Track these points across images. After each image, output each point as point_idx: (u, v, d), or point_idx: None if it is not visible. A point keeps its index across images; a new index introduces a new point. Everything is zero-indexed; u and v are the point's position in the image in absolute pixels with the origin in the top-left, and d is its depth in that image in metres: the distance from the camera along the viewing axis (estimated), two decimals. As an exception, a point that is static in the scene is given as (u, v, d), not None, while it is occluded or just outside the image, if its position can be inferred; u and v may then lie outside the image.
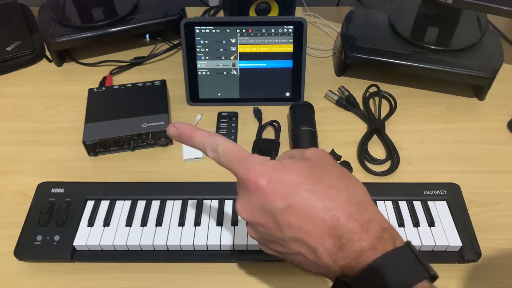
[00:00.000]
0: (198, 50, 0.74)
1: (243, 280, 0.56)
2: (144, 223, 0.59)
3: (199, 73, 0.76)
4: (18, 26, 0.90)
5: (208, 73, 0.76)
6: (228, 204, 0.61)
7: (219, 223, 0.59)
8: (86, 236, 0.57)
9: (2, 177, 0.67)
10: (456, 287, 0.55)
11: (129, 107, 0.72)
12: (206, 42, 0.74)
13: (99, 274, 0.56)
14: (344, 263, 0.34)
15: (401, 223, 0.59)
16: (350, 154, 0.70)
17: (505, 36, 0.92)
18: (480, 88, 0.79)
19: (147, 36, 0.93)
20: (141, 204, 0.61)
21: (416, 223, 0.58)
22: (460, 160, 0.70)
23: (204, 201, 0.61)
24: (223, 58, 0.75)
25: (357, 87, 0.81)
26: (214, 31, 0.73)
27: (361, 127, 0.75)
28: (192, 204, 0.61)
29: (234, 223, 0.59)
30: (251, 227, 0.40)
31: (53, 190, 0.61)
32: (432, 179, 0.66)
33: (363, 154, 0.70)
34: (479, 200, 0.64)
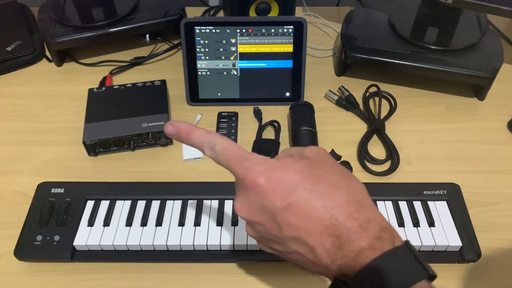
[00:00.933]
0: (198, 50, 0.74)
1: (243, 280, 0.56)
2: (144, 223, 0.59)
3: (199, 73, 0.76)
4: (18, 26, 0.90)
5: (208, 73, 0.76)
6: (228, 204, 0.61)
7: (219, 223, 0.59)
8: (86, 236, 0.57)
9: (2, 177, 0.67)
10: (456, 287, 0.55)
11: (129, 107, 0.72)
12: (206, 42, 0.74)
13: (99, 274, 0.56)
14: (342, 263, 0.34)
15: (401, 223, 0.59)
16: (350, 154, 0.70)
17: (505, 36, 0.92)
18: (480, 88, 0.79)
19: (147, 36, 0.93)
20: (141, 204, 0.61)
21: (416, 223, 0.58)
22: (460, 160, 0.70)
23: (204, 201, 0.61)
24: (223, 58, 0.75)
25: (357, 87, 0.81)
26: (214, 31, 0.73)
27: (361, 127, 0.75)
28: (192, 204, 0.61)
29: (234, 223, 0.59)
30: (249, 226, 0.40)
31: (53, 190, 0.61)
32: (432, 179, 0.66)
33: (363, 154, 0.70)
34: (479, 200, 0.64)
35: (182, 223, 0.59)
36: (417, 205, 0.61)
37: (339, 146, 0.70)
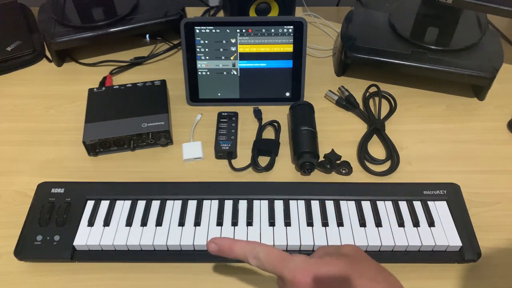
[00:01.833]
0: (198, 50, 0.74)
1: (243, 280, 0.56)
2: (144, 223, 0.59)
3: (199, 73, 0.76)
4: (18, 26, 0.90)
5: (208, 73, 0.76)
6: (228, 204, 0.61)
7: (219, 223, 0.59)
8: (86, 236, 0.57)
9: (2, 177, 0.67)
10: (456, 287, 0.56)
11: (129, 107, 0.72)
12: (206, 42, 0.74)
13: (99, 274, 0.56)
14: None
15: (401, 223, 0.59)
16: (350, 154, 0.70)
17: (505, 36, 0.92)
18: (480, 88, 0.79)
19: (147, 36, 0.93)
20: (141, 204, 0.61)
21: (416, 223, 0.58)
22: (460, 160, 0.70)
23: (204, 201, 0.61)
24: (223, 58, 0.75)
25: (357, 87, 0.81)
26: (214, 31, 0.73)
27: (361, 127, 0.75)
28: (192, 204, 0.61)
29: (234, 223, 0.59)
30: None
31: (53, 190, 0.61)
32: (432, 179, 0.66)
33: (363, 154, 0.70)
34: (479, 200, 0.64)
35: (182, 223, 0.59)
36: (417, 205, 0.61)
37: (339, 146, 0.70)
